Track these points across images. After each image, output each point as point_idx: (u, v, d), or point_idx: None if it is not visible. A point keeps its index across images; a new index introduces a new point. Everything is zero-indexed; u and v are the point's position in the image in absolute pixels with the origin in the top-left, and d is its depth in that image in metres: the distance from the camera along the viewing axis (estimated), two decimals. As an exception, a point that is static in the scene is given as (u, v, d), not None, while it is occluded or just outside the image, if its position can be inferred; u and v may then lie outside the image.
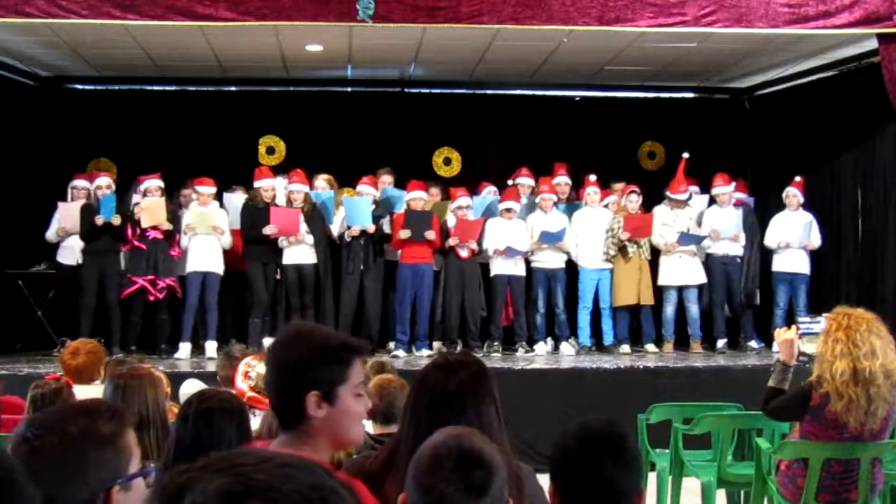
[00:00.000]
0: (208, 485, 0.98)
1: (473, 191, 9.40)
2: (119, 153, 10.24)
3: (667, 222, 9.26)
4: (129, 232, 8.57)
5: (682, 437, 5.49)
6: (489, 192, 9.48)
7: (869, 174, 9.32)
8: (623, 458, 2.18)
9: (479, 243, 8.95)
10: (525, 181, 9.59)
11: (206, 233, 8.67)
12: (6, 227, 9.53)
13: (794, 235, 9.16)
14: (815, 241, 9.26)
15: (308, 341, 2.22)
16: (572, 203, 9.57)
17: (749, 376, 7.64)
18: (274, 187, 8.89)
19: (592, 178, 9.39)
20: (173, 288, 8.63)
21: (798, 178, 9.35)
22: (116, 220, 8.53)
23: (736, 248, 9.29)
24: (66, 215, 8.77)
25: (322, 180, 9.26)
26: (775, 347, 5.65)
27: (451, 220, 9.04)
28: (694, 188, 9.71)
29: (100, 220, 8.52)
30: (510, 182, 9.58)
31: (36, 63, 9.73)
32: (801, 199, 9.30)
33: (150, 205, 8.62)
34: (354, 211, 8.75)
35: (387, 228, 8.88)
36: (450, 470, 1.83)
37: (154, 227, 8.54)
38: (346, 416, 2.21)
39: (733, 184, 9.42)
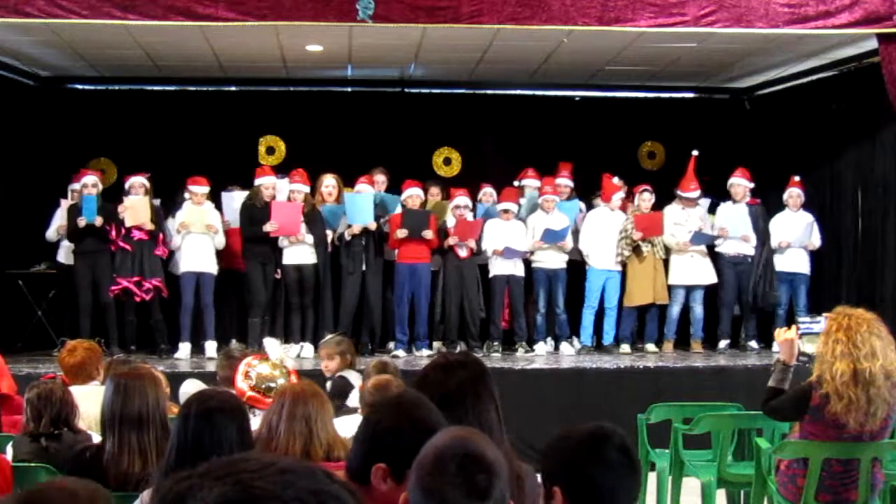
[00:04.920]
0: (208, 493, 0.98)
1: (474, 193, 9.38)
2: (119, 153, 10.23)
3: (678, 221, 9.24)
4: (114, 233, 8.50)
5: (682, 437, 5.49)
6: (485, 193, 9.43)
7: (869, 174, 9.31)
8: (632, 458, 2.22)
9: (479, 244, 8.94)
10: (531, 182, 9.57)
11: (201, 232, 8.63)
12: (6, 227, 9.53)
13: (795, 235, 9.15)
14: (816, 241, 9.26)
15: (402, 416, 2.19)
16: (570, 200, 9.54)
17: (749, 376, 7.65)
18: (275, 186, 8.88)
19: (616, 180, 9.36)
20: (160, 288, 8.58)
21: (798, 178, 9.35)
22: (98, 222, 8.43)
23: (747, 248, 9.22)
24: (67, 215, 8.78)
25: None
26: (775, 347, 5.65)
27: (450, 221, 9.03)
28: None
29: (81, 221, 8.43)
30: (516, 183, 9.55)
31: (36, 63, 9.72)
32: (803, 199, 9.29)
33: (132, 204, 8.54)
34: (355, 209, 8.73)
35: (386, 228, 8.87)
36: (453, 474, 1.82)
37: (138, 228, 8.47)
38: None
39: (751, 183, 9.35)
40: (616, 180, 9.40)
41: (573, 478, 2.18)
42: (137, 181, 8.68)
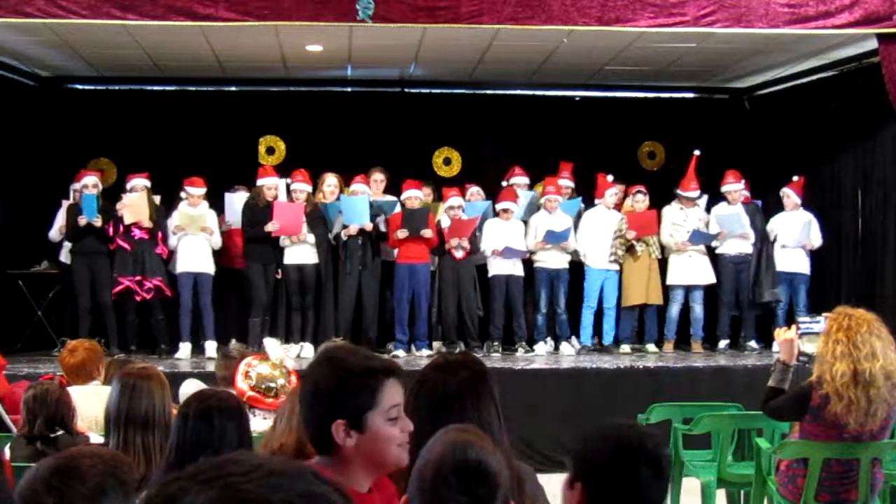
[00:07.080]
0: (196, 497, 0.98)
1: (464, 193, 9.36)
2: (119, 153, 10.23)
3: (677, 221, 9.23)
4: (111, 230, 8.51)
5: (682, 437, 5.49)
6: (472, 193, 9.36)
7: (869, 174, 9.31)
8: (662, 472, 2.13)
9: (474, 243, 8.92)
10: (520, 180, 9.57)
11: (196, 234, 8.63)
12: (7, 227, 9.53)
13: (793, 235, 9.15)
14: (816, 240, 9.25)
15: (333, 368, 2.16)
16: (572, 199, 9.53)
17: (749, 376, 7.64)
18: (277, 186, 8.88)
19: (610, 178, 9.37)
20: (161, 288, 8.58)
21: (795, 179, 9.34)
22: (98, 222, 8.44)
23: (746, 247, 9.20)
24: (69, 215, 8.78)
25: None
26: (775, 347, 5.65)
27: (444, 221, 9.01)
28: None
29: (82, 220, 8.44)
30: (504, 183, 9.54)
31: (36, 63, 9.72)
32: (797, 200, 9.28)
33: (131, 201, 8.55)
34: (351, 210, 8.73)
35: (382, 227, 8.86)
36: (455, 489, 1.82)
37: (137, 226, 8.47)
38: (379, 441, 2.14)
39: (742, 181, 9.33)
40: (610, 178, 9.40)
41: (598, 483, 2.11)
42: (140, 183, 8.69)
